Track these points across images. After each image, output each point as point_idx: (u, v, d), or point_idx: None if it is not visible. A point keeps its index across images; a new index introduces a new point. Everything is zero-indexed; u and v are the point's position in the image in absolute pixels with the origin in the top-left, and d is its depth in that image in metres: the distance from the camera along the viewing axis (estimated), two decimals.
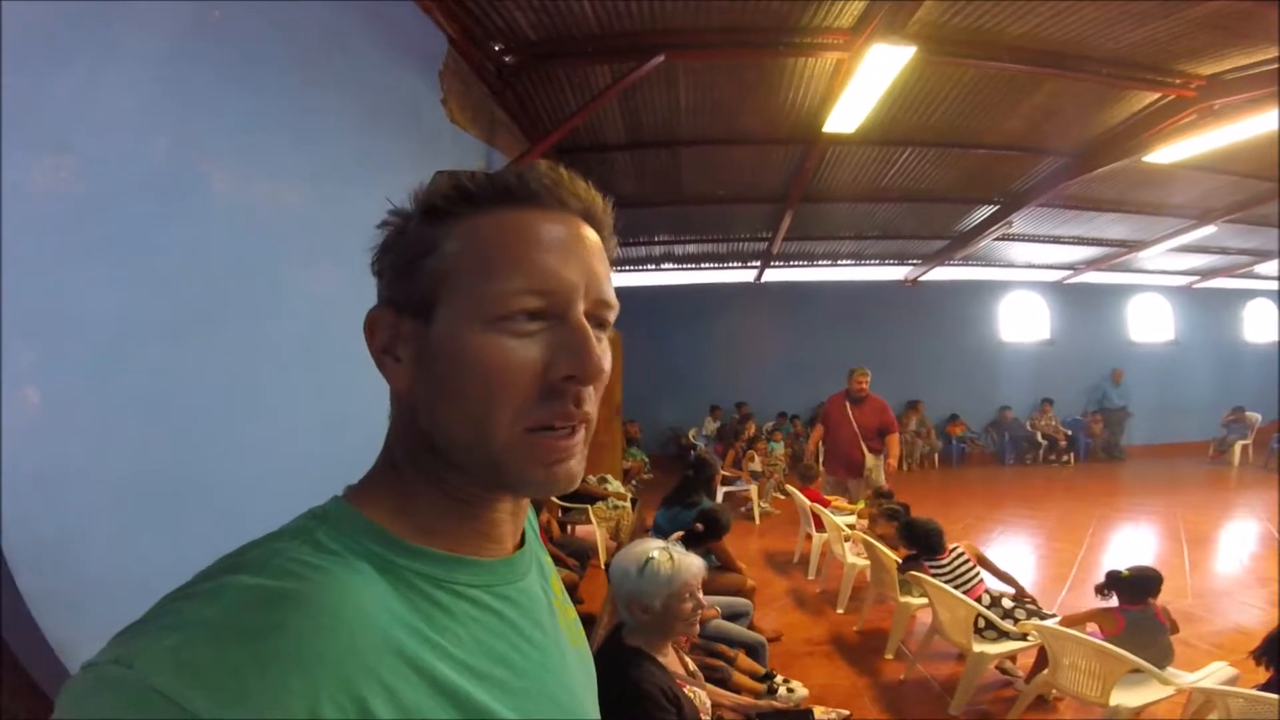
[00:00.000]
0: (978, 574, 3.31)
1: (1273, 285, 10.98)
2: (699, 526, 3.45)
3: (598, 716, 0.62)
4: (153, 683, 0.35)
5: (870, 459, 5.31)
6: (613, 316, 0.54)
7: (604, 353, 0.53)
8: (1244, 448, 9.44)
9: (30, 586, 1.32)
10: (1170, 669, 2.56)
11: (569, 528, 4.94)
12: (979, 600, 3.11)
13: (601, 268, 0.53)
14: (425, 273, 0.50)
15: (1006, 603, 3.18)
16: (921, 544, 3.40)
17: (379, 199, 0.53)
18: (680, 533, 3.38)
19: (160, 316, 1.70)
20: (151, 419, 1.67)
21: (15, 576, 1.30)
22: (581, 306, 0.50)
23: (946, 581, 3.19)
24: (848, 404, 5.40)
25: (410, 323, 0.51)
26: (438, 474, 0.51)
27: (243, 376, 2.01)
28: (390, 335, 0.52)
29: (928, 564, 3.29)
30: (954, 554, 3.33)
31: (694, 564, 1.97)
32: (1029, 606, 3.18)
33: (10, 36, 1.27)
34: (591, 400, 0.52)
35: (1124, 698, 2.46)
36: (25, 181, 1.34)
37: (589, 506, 5.05)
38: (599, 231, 0.55)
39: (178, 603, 0.40)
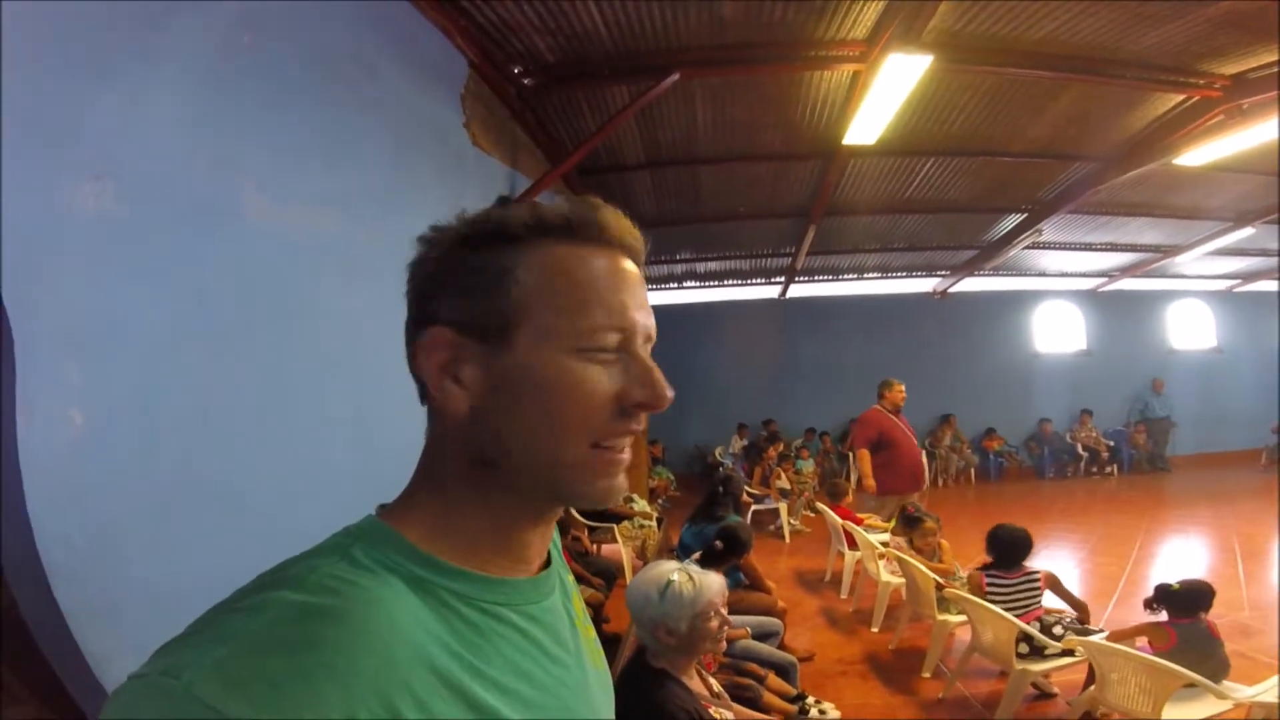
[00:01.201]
0: (1038, 601, 3.13)
1: None
2: (719, 544, 3.39)
3: None
4: (198, 693, 0.36)
5: None
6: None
7: None
8: None
9: (68, 598, 1.35)
10: (1227, 682, 2.44)
11: (596, 547, 4.90)
12: (1036, 621, 2.99)
13: (648, 303, 0.59)
14: (501, 298, 0.53)
15: (1047, 618, 3.06)
16: (998, 552, 3.22)
17: (407, 220, 0.57)
18: (699, 553, 3.32)
19: (199, 334, 1.76)
20: (189, 434, 1.71)
21: (54, 588, 1.33)
22: (646, 342, 0.57)
23: (1000, 600, 3.08)
24: (894, 417, 5.27)
25: (478, 345, 0.53)
26: (485, 493, 0.54)
27: (278, 391, 2.06)
28: (450, 356, 0.53)
29: (987, 577, 3.15)
30: (1026, 576, 3.15)
31: (715, 582, 1.97)
32: (1074, 625, 3.05)
33: (52, 61, 1.34)
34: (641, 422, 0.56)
35: (1177, 712, 2.34)
36: (72, 205, 1.41)
37: (615, 525, 5.02)
38: (640, 268, 0.61)
39: (222, 616, 0.42)
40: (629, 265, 0.57)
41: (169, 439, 1.65)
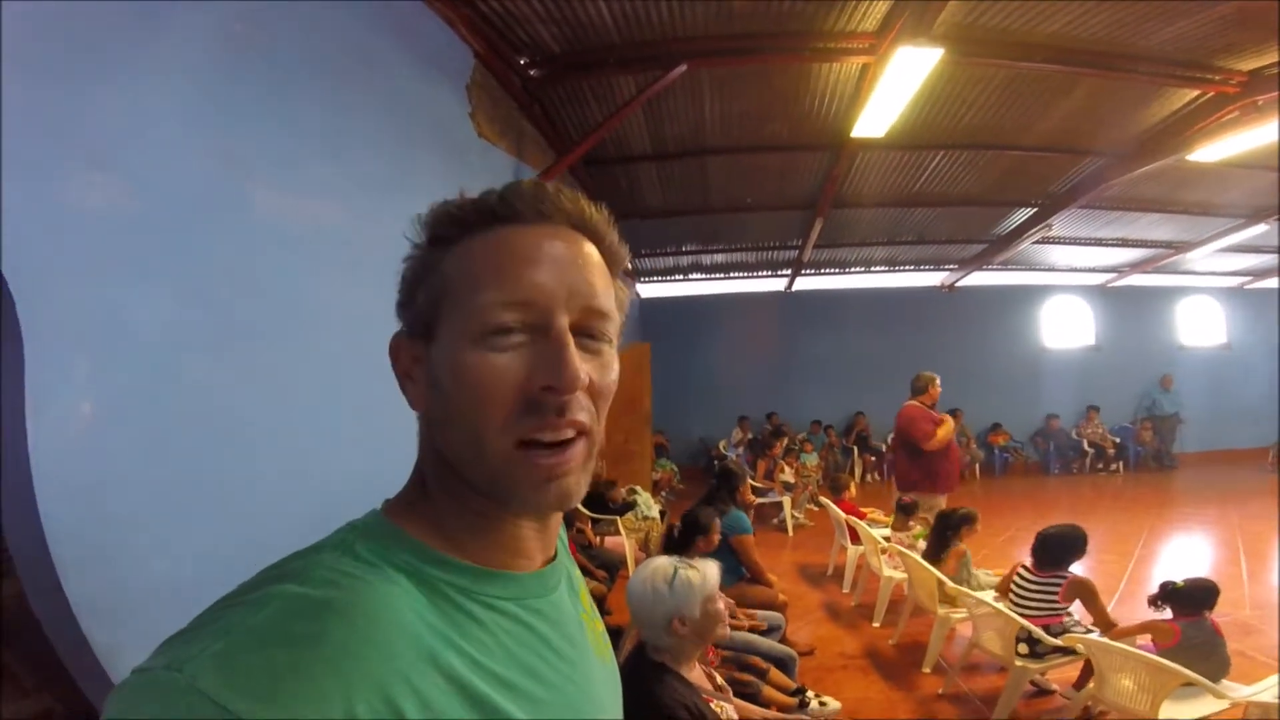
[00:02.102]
0: (1054, 607, 3.03)
1: None
2: (676, 531, 3.36)
3: None
4: (200, 686, 0.36)
5: None
6: (609, 327, 0.54)
7: (605, 364, 0.54)
8: None
9: (77, 592, 1.37)
10: (1225, 681, 2.45)
11: (600, 539, 4.93)
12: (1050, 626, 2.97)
13: (594, 276, 0.53)
14: (425, 296, 0.53)
15: (1056, 626, 3.04)
16: (1036, 549, 3.10)
17: (412, 214, 0.56)
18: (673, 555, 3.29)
19: (204, 328, 1.77)
20: (195, 431, 1.72)
21: (62, 581, 1.35)
22: (564, 317, 0.51)
23: (1018, 598, 3.08)
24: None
25: (420, 345, 0.54)
26: (459, 491, 0.53)
27: (283, 385, 2.07)
28: (409, 359, 0.55)
29: (1018, 572, 3.12)
30: (1049, 579, 3.07)
31: (712, 565, 2.03)
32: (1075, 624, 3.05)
33: (52, 54, 1.34)
34: (584, 410, 0.51)
35: (1174, 711, 2.35)
36: (75, 199, 1.41)
37: (618, 518, 5.04)
38: (598, 242, 0.56)
39: (226, 610, 0.42)
40: (555, 236, 0.53)
41: (176, 433, 1.66)
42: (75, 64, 1.40)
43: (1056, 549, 3.10)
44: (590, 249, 0.55)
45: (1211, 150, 4.75)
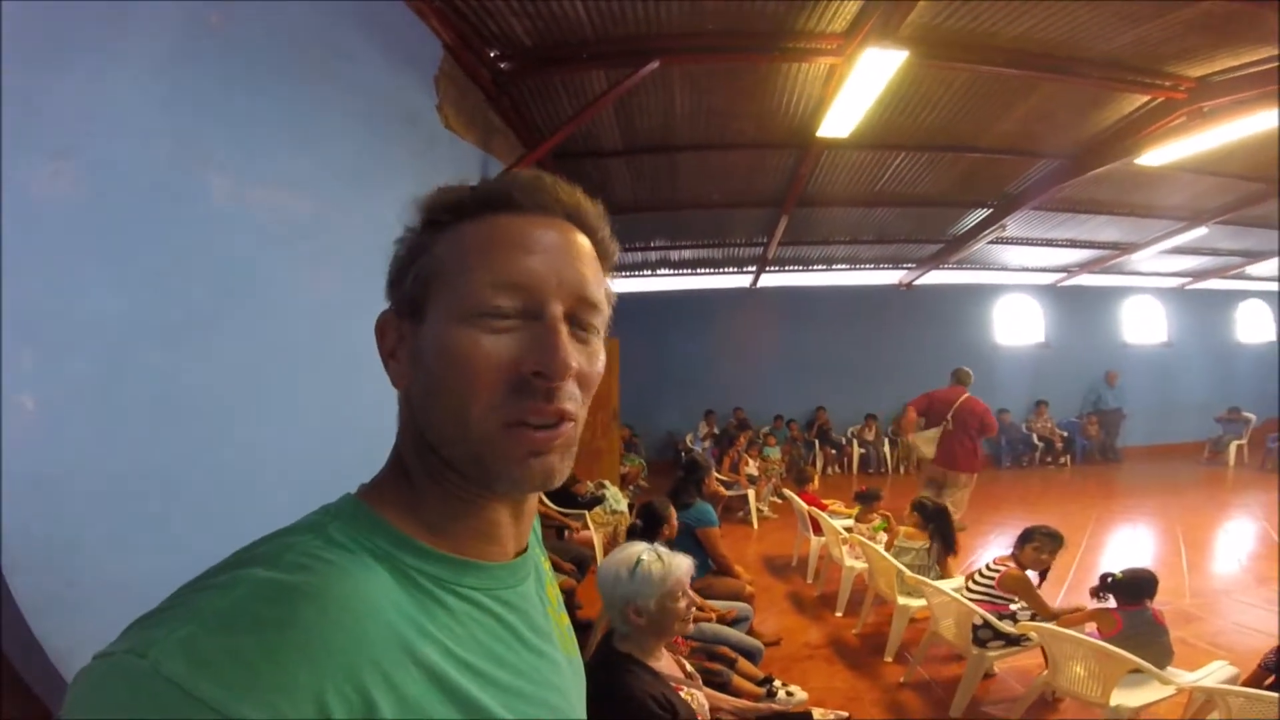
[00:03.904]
0: (990, 595, 3.18)
1: (1265, 286, 11.08)
2: (638, 523, 3.39)
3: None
4: (165, 672, 0.35)
5: None
6: (598, 318, 0.55)
7: (593, 354, 0.54)
8: (1239, 448, 9.48)
9: (25, 590, 1.31)
10: (1170, 668, 2.57)
11: (565, 533, 4.92)
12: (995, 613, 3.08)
13: (586, 268, 0.54)
14: (416, 276, 0.53)
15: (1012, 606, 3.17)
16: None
17: (377, 203, 0.56)
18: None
19: (161, 320, 1.70)
20: (152, 422, 1.66)
21: (9, 580, 1.29)
22: (558, 305, 0.51)
23: (972, 588, 3.22)
24: None
25: (408, 324, 0.54)
26: (439, 473, 0.52)
27: (244, 380, 2.01)
28: (395, 338, 0.55)
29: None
30: (991, 570, 3.27)
31: (683, 562, 1.98)
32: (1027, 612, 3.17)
33: (12, 40, 1.27)
34: (571, 398, 0.52)
35: (1125, 698, 2.46)
36: (27, 185, 1.35)
37: (586, 512, 5.04)
38: (591, 235, 0.57)
39: (193, 594, 0.41)
40: (551, 226, 0.54)
41: (130, 428, 1.60)
42: (29, 43, 1.33)
43: (1023, 538, 3.28)
44: (584, 241, 0.56)
45: (1158, 154, 4.94)
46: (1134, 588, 2.77)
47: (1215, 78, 4.28)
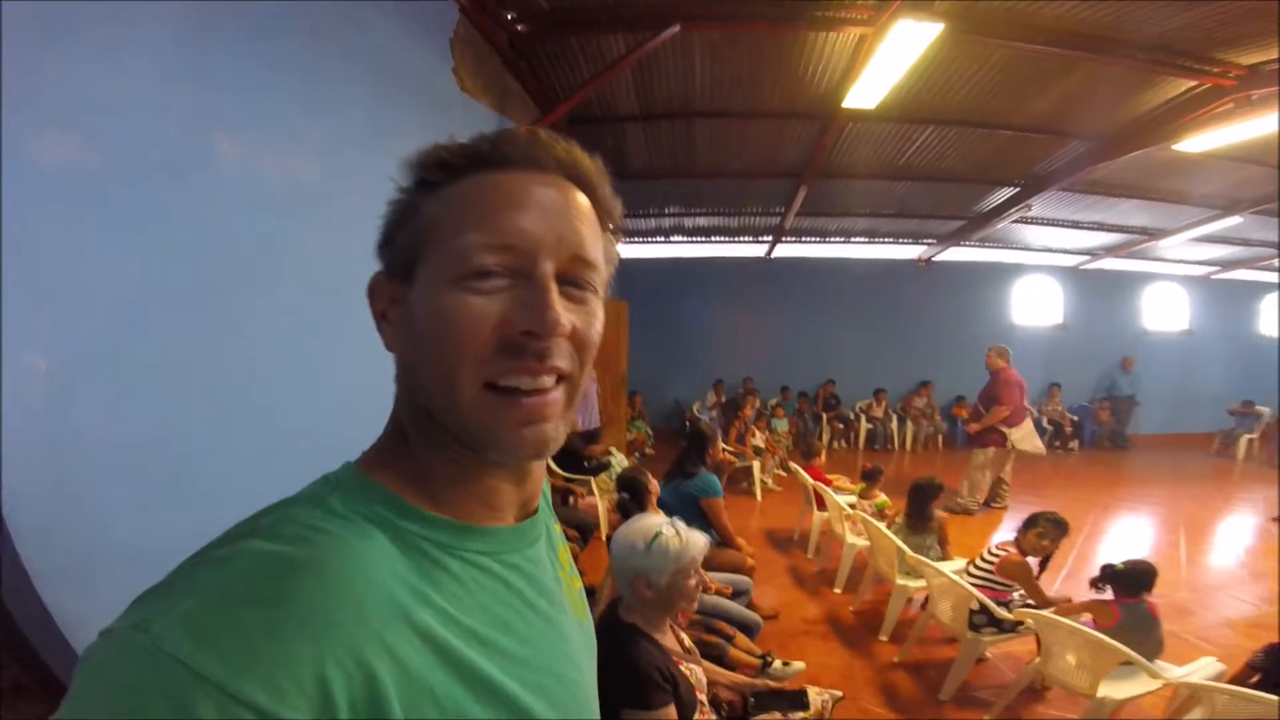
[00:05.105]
0: (990, 580, 3.20)
1: None
2: (624, 495, 3.39)
3: (595, 686, 0.63)
4: (166, 647, 0.36)
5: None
6: (596, 277, 0.54)
7: (590, 313, 0.53)
8: (1250, 441, 9.37)
9: (34, 558, 1.34)
10: (1159, 662, 2.58)
11: (570, 499, 4.98)
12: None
13: (583, 226, 0.53)
14: (406, 237, 0.52)
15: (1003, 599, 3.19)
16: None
17: (391, 169, 0.54)
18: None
19: (173, 287, 1.71)
20: (163, 390, 1.68)
21: (18, 547, 1.31)
22: (549, 264, 0.50)
23: (973, 572, 3.24)
24: None
25: (399, 286, 0.53)
26: (436, 438, 0.52)
27: (255, 345, 2.03)
28: (386, 300, 0.54)
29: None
30: (990, 554, 3.28)
31: (700, 540, 1.97)
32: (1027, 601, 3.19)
33: (25, 10, 1.25)
34: (565, 356, 0.51)
35: (1111, 690, 2.47)
36: (39, 154, 1.34)
37: (592, 479, 5.09)
38: (590, 193, 0.55)
39: (194, 568, 0.41)
40: (544, 183, 0.52)
41: (142, 394, 1.62)
42: (42, 16, 1.31)
43: (1023, 524, 3.28)
44: (581, 198, 0.54)
45: (1199, 141, 4.79)
46: (1134, 580, 2.76)
47: (1267, 66, 4.11)
